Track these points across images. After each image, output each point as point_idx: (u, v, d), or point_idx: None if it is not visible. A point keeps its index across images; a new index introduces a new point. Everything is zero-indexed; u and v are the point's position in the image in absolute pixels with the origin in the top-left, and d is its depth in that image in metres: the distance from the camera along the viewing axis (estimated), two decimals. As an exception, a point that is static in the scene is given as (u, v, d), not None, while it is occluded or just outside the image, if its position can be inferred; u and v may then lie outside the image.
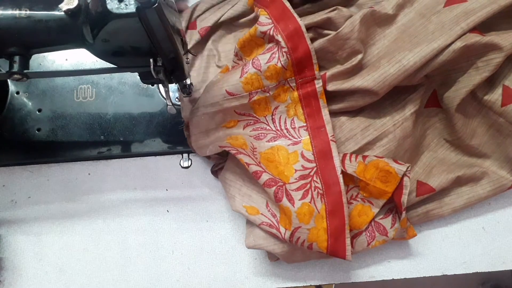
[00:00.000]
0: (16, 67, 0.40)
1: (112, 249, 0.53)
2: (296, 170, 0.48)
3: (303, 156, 0.49)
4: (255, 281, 0.52)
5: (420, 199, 0.51)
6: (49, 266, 0.53)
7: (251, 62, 0.48)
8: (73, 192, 0.55)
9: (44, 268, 0.53)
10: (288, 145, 0.50)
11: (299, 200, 0.46)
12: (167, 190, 0.55)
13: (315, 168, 0.48)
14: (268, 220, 0.48)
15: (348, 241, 0.46)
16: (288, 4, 0.50)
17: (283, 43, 0.47)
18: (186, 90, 0.50)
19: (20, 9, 0.39)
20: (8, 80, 0.52)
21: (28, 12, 0.39)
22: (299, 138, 0.50)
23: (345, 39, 0.49)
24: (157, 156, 0.56)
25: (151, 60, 0.40)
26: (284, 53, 0.47)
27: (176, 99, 0.56)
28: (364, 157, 0.48)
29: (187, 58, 0.48)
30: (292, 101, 0.50)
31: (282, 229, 0.47)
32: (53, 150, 0.56)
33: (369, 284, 0.55)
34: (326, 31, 0.51)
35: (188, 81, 0.49)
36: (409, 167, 0.47)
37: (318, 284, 0.52)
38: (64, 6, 0.38)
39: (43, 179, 0.56)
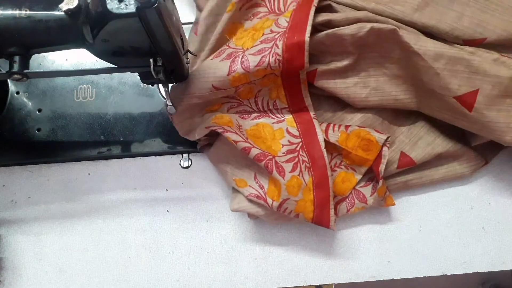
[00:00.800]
0: (16, 67, 0.40)
1: (112, 249, 0.53)
2: (283, 145, 0.50)
3: (288, 132, 0.51)
4: (255, 281, 0.52)
5: (400, 171, 0.52)
6: (49, 266, 0.53)
7: (239, 61, 0.47)
8: (73, 192, 0.55)
9: (44, 268, 0.53)
10: (273, 123, 0.52)
11: (290, 172, 0.48)
12: (167, 190, 0.55)
13: (300, 143, 0.50)
14: (255, 191, 0.50)
15: (332, 212, 0.48)
16: (311, 15, 0.47)
17: (279, 52, 0.46)
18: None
19: (20, 9, 0.39)
20: (8, 80, 0.52)
21: (28, 12, 0.39)
22: (283, 117, 0.52)
23: (343, 39, 0.48)
24: (157, 156, 0.56)
25: (151, 60, 0.40)
26: (277, 60, 0.47)
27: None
28: (347, 127, 0.50)
29: (187, 58, 0.48)
30: (274, 84, 0.51)
31: (269, 200, 0.48)
32: (53, 150, 0.56)
33: (369, 284, 0.55)
34: (323, 28, 0.50)
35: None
36: (389, 137, 0.49)
37: (318, 284, 0.52)
38: (64, 6, 0.38)
39: (43, 179, 0.56)
